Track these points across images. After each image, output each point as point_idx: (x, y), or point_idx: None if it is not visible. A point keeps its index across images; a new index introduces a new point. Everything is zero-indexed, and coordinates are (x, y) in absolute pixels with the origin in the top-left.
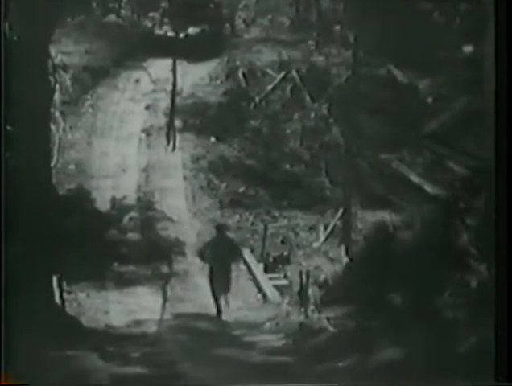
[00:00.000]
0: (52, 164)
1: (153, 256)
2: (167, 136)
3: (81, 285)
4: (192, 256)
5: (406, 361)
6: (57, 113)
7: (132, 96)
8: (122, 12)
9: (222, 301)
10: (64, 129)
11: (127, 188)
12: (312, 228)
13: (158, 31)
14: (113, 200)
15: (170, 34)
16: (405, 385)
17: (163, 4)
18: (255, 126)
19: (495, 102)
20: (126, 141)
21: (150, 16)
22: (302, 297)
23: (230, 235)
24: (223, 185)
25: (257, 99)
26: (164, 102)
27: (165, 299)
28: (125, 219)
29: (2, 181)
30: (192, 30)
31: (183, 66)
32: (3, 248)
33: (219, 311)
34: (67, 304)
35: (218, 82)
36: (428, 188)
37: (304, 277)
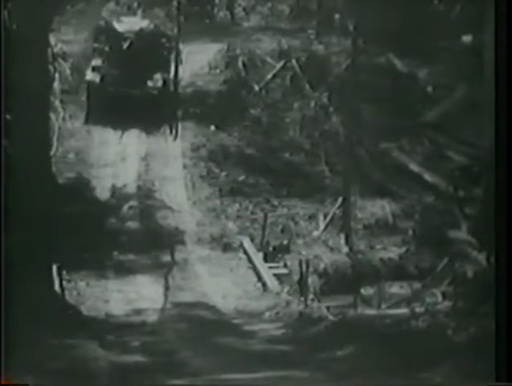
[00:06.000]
0: (52, 153)
1: (153, 244)
2: (170, 125)
3: (81, 274)
4: (191, 245)
5: (401, 357)
6: (57, 102)
7: None
8: (121, 0)
9: None
10: (63, 118)
11: (127, 177)
12: (312, 217)
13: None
14: (113, 189)
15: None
16: (404, 385)
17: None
18: (255, 115)
19: (495, 91)
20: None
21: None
22: (302, 286)
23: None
24: (223, 174)
25: (256, 88)
26: None
27: (166, 288)
28: (125, 207)
29: (2, 170)
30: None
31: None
32: (3, 236)
33: None
34: (66, 292)
35: (218, 71)
36: (428, 177)
37: (304, 266)
